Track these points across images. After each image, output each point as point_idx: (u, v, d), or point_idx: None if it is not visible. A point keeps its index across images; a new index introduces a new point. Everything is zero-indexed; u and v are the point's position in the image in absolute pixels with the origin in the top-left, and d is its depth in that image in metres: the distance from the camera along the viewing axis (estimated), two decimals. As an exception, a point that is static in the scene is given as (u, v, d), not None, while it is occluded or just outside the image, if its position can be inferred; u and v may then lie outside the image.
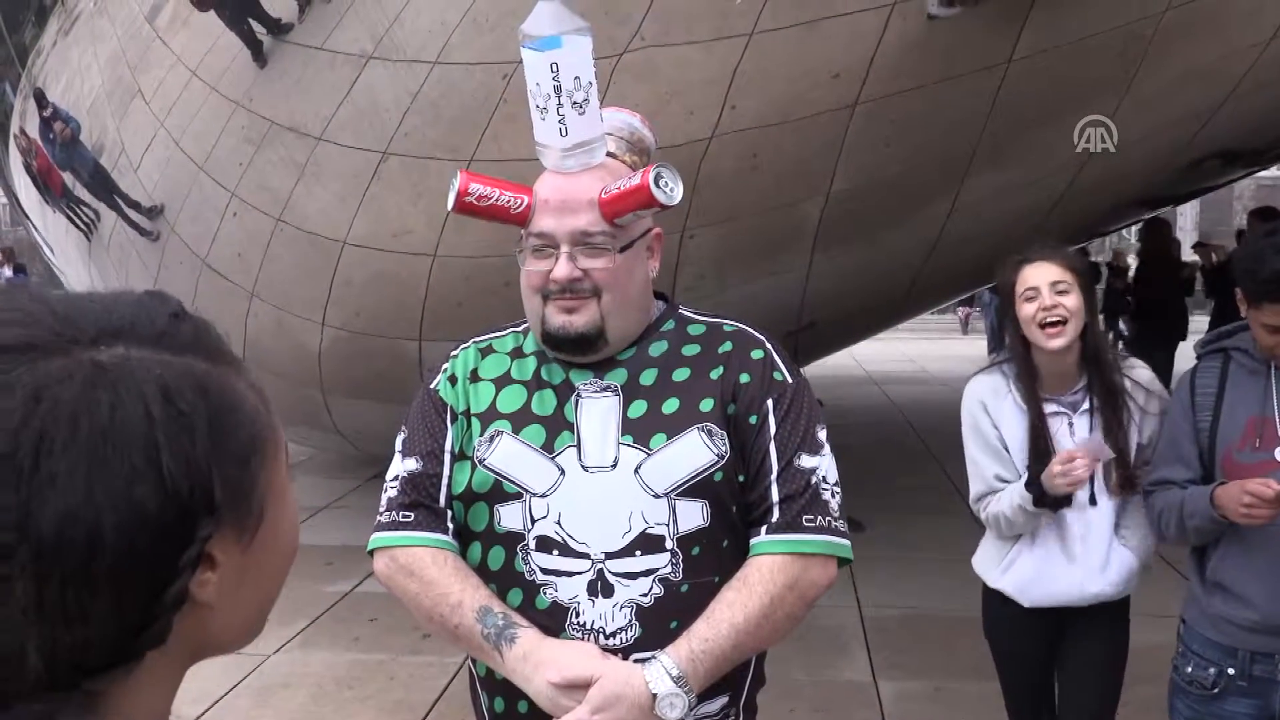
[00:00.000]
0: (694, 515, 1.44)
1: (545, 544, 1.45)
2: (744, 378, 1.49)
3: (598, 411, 1.48)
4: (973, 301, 18.49)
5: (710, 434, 1.45)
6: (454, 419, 1.52)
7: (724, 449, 1.45)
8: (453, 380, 1.55)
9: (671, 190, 1.44)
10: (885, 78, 4.34)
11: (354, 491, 6.89)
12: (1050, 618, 2.45)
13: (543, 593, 1.45)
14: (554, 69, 1.44)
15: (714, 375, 1.49)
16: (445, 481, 1.50)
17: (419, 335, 5.35)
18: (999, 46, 4.41)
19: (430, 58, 4.51)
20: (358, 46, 4.63)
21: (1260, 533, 2.07)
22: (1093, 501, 2.37)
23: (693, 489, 1.44)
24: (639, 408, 1.47)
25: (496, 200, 1.48)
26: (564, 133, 1.46)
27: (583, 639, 1.42)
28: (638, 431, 1.46)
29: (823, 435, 1.50)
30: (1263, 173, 15.87)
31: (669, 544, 1.43)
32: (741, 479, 1.47)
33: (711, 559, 1.45)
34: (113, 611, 0.58)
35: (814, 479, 1.46)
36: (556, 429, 1.47)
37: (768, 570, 1.43)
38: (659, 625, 1.42)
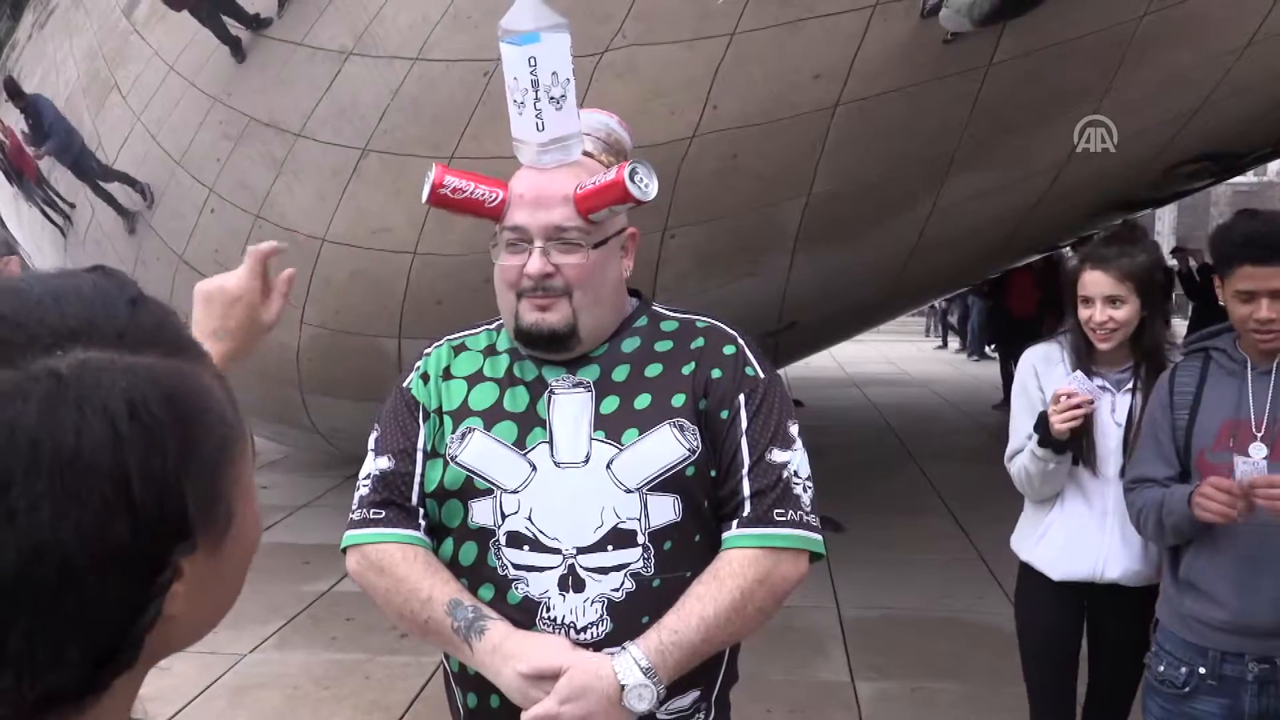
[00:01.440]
0: (666, 510, 1.45)
1: (516, 539, 1.45)
2: (715, 373, 1.49)
3: (570, 408, 1.48)
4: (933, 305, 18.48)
5: (682, 429, 1.46)
6: (426, 417, 1.53)
7: (695, 444, 1.46)
8: (425, 378, 1.55)
9: (646, 186, 1.44)
10: (866, 79, 4.35)
11: (332, 490, 6.85)
12: (1077, 596, 2.50)
13: (514, 588, 1.45)
14: (532, 64, 1.44)
15: (686, 371, 1.49)
16: (418, 479, 1.50)
17: (398, 333, 5.33)
18: (980, 50, 4.43)
19: (411, 54, 4.49)
20: (338, 42, 4.61)
21: (1230, 532, 2.08)
22: (1123, 474, 2.39)
23: (664, 484, 1.44)
24: (611, 404, 1.48)
25: (471, 194, 1.47)
26: (540, 128, 1.46)
27: (554, 634, 1.42)
28: (609, 427, 1.46)
29: (795, 430, 1.50)
30: (1239, 179, 16.01)
31: (640, 539, 1.44)
32: (714, 474, 1.47)
33: (683, 554, 1.45)
34: (86, 649, 0.53)
35: (785, 473, 1.46)
36: (529, 425, 1.47)
37: (738, 564, 1.42)
38: (630, 620, 1.42)
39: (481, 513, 1.47)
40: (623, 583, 1.43)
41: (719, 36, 4.19)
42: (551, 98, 1.45)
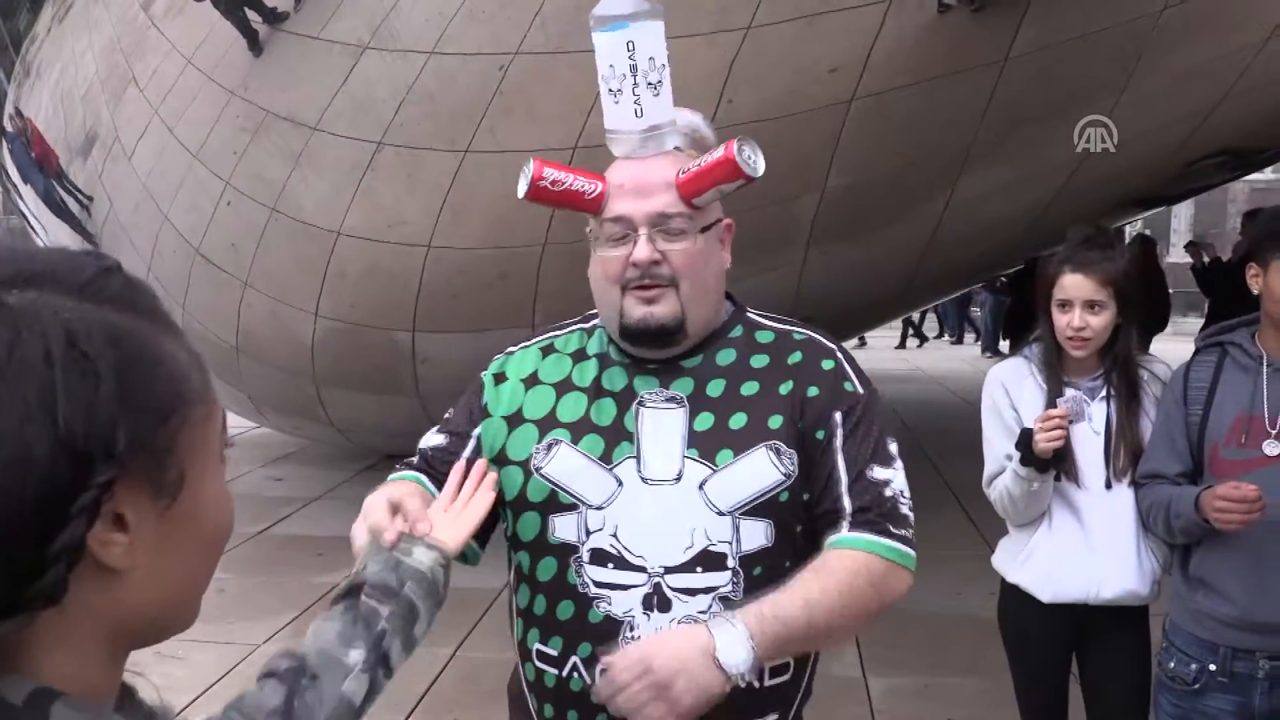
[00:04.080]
0: (758, 535, 1.39)
1: (600, 557, 1.41)
2: (812, 391, 1.44)
3: (661, 422, 1.43)
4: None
5: (779, 452, 1.40)
6: (485, 415, 1.50)
7: (792, 469, 1.40)
8: (500, 378, 1.52)
9: (755, 162, 1.40)
10: (882, 73, 4.34)
11: (346, 483, 6.88)
12: (1068, 617, 2.42)
13: (596, 606, 1.40)
14: (630, 48, 1.41)
15: (783, 390, 1.44)
16: (464, 458, 1.47)
17: (412, 327, 5.35)
18: (997, 44, 4.41)
19: (427, 48, 4.50)
20: (354, 36, 4.62)
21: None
22: (1108, 486, 2.36)
23: (758, 509, 1.39)
24: (705, 420, 1.43)
25: (569, 185, 1.42)
26: (639, 114, 1.42)
27: None
28: (704, 446, 1.41)
29: (895, 449, 1.45)
30: (1256, 175, 15.89)
31: (731, 562, 1.38)
32: (806, 497, 1.42)
33: (773, 580, 1.38)
34: None
35: (889, 491, 1.41)
36: (615, 439, 1.43)
37: (847, 558, 1.36)
38: None
39: (565, 528, 1.42)
40: (710, 605, 1.37)
41: (735, 30, 4.19)
42: (649, 83, 1.41)
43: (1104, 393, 2.39)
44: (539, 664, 1.46)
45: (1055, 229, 6.22)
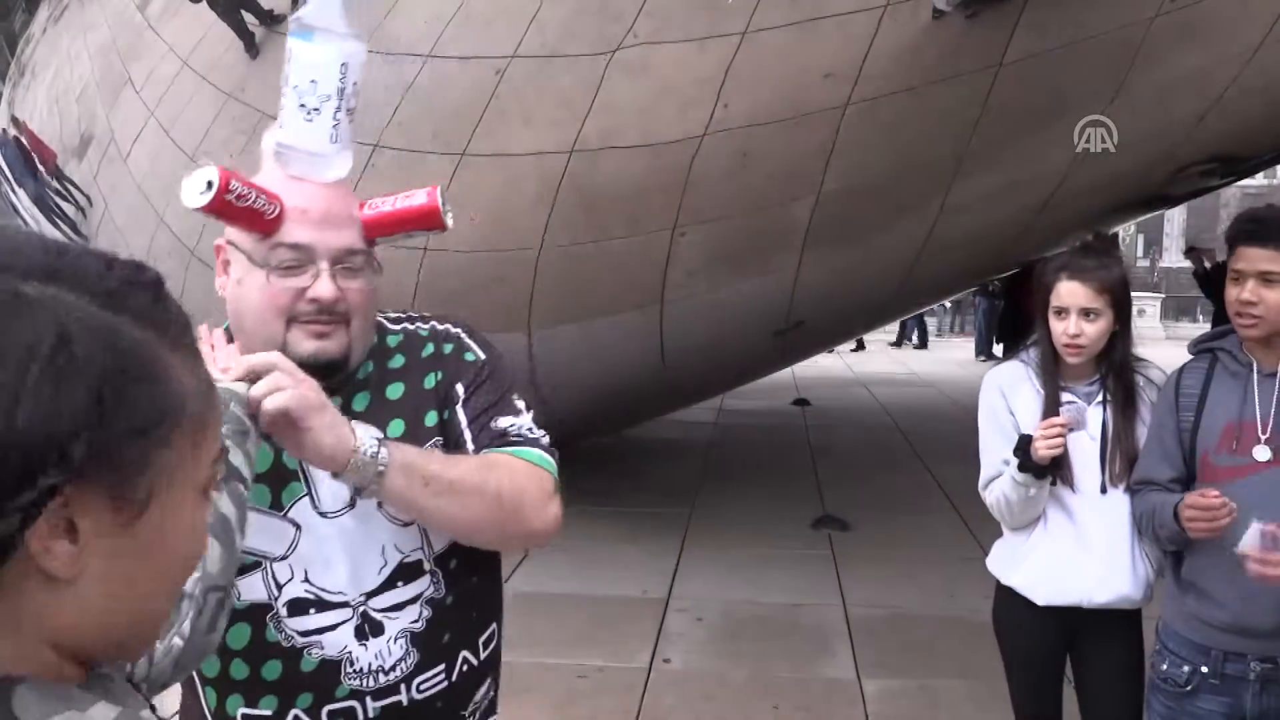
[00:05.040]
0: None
1: (299, 606, 1.34)
2: (442, 375, 1.43)
3: None
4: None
5: (443, 447, 1.39)
6: None
7: None
8: None
9: (450, 217, 1.41)
10: (877, 79, 4.36)
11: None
12: (1063, 619, 2.44)
13: (308, 655, 1.35)
14: (343, 70, 1.34)
15: (428, 385, 1.42)
16: None
17: (408, 329, 5.35)
18: (990, 50, 4.44)
19: (424, 51, 4.52)
20: (351, 39, 4.63)
21: (1230, 534, 2.09)
22: (1103, 490, 2.37)
23: None
24: None
25: (252, 202, 1.30)
26: (334, 139, 1.34)
27: (361, 685, 1.35)
28: None
29: (521, 404, 1.43)
30: (1249, 180, 15.95)
31: (427, 566, 1.38)
32: None
33: (468, 564, 1.41)
34: None
35: (515, 432, 1.39)
36: (282, 481, 1.35)
37: (487, 455, 1.37)
38: (434, 644, 1.39)
39: (251, 589, 1.34)
40: (420, 612, 1.37)
41: (730, 35, 4.21)
42: (349, 109, 1.35)
43: (1100, 398, 2.41)
44: None
45: (1049, 233, 6.27)
